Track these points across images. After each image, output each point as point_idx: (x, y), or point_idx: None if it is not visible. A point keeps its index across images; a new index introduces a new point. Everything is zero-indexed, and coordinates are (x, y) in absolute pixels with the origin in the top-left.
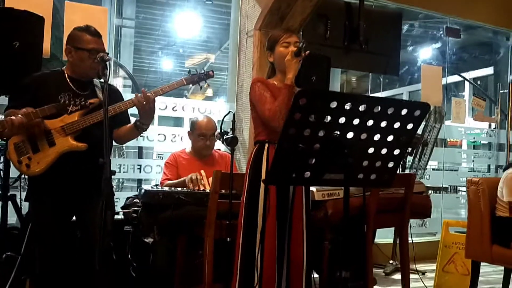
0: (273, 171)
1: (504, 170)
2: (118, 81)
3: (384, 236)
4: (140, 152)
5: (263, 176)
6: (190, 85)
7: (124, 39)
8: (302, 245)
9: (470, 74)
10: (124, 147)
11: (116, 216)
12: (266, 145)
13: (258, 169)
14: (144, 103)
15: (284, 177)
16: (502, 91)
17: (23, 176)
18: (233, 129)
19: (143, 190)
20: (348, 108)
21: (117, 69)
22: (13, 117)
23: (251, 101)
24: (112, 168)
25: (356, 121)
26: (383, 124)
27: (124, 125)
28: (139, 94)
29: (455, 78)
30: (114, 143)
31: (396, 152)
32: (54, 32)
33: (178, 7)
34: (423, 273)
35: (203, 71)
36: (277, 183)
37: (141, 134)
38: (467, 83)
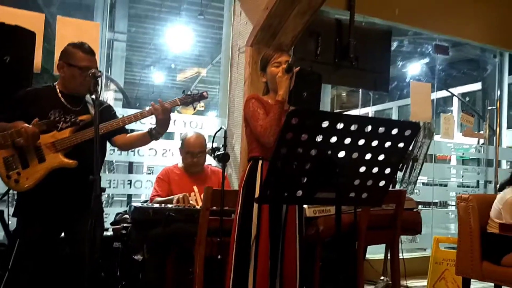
0: (265, 190)
1: (499, 189)
2: (109, 95)
3: (375, 252)
4: (131, 167)
5: (257, 193)
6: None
7: (116, 53)
8: (295, 264)
9: (458, 90)
10: (114, 162)
11: (105, 233)
12: (260, 161)
13: (252, 186)
14: (162, 112)
15: (276, 196)
16: (490, 108)
17: (11, 191)
18: (224, 146)
19: (133, 207)
20: (339, 127)
21: (108, 82)
22: (25, 125)
23: (245, 117)
24: (102, 184)
25: (347, 141)
26: (374, 143)
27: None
28: (155, 104)
29: (443, 94)
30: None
31: (387, 171)
32: (45, 46)
33: (170, 21)
34: None
35: (197, 92)
36: (270, 202)
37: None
38: (455, 98)
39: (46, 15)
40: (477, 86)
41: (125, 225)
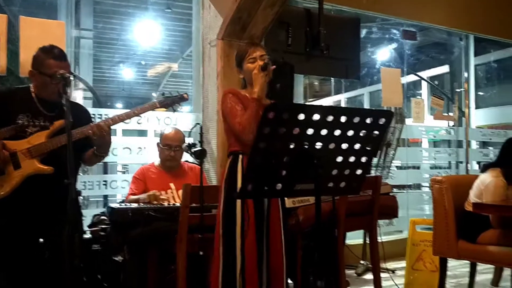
0: (245, 184)
1: (482, 171)
2: (78, 94)
3: (354, 237)
4: (105, 167)
5: (239, 187)
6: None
7: (83, 51)
8: (281, 256)
9: (427, 73)
10: None
11: (83, 235)
12: (240, 156)
13: (233, 181)
14: (99, 134)
15: (256, 190)
16: (458, 90)
17: None
18: (201, 142)
19: (110, 208)
20: (315, 119)
21: (76, 81)
22: None
23: (223, 113)
24: (77, 186)
25: (324, 132)
26: (350, 133)
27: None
28: (98, 122)
29: (412, 78)
30: None
31: (364, 159)
32: (9, 48)
33: (138, 16)
34: (393, 271)
35: (177, 94)
36: (250, 196)
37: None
38: (424, 82)
39: (8, 15)
40: (445, 69)
41: (103, 226)
